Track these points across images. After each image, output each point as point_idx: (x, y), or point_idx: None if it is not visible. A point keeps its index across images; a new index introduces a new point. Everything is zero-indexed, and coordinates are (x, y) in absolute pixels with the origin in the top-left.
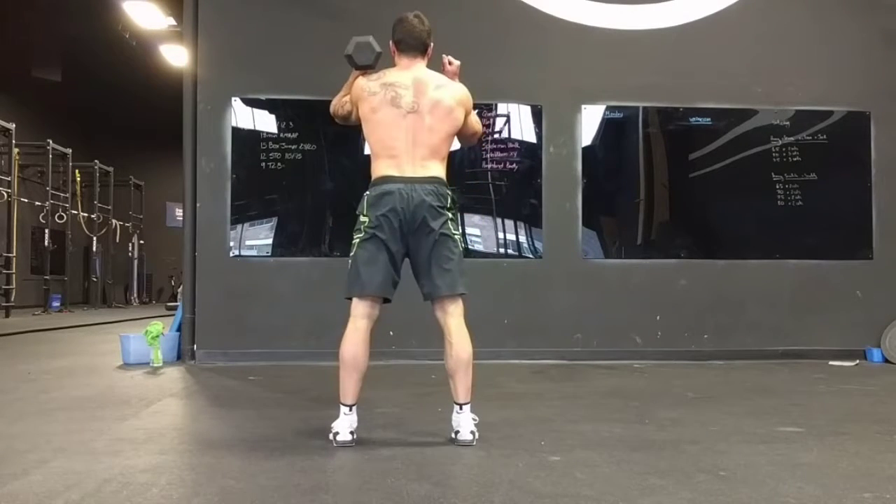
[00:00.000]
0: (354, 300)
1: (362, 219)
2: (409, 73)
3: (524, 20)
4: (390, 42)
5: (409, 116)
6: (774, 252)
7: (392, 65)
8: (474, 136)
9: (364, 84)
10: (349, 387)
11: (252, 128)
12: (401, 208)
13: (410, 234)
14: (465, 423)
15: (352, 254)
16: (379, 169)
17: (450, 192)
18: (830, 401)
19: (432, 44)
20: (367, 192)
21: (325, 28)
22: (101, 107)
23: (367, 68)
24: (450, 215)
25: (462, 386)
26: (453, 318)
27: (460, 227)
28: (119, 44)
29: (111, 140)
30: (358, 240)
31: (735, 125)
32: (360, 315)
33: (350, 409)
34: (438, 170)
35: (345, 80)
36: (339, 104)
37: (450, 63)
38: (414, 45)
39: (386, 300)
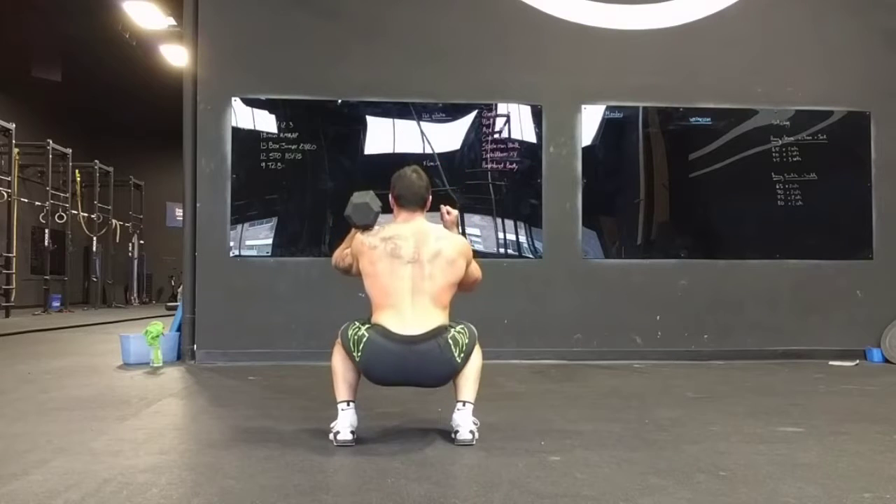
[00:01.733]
0: None
1: (359, 349)
2: (409, 226)
3: (524, 20)
4: (389, 196)
5: (410, 266)
6: (774, 252)
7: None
8: (475, 283)
9: (364, 239)
10: (342, 389)
11: (252, 128)
12: (401, 370)
13: (414, 382)
14: (464, 422)
15: (350, 331)
16: (380, 318)
17: (451, 331)
18: (830, 401)
19: (430, 197)
20: (367, 334)
21: (325, 28)
22: (101, 107)
23: (367, 227)
24: (453, 352)
25: (466, 385)
26: None
27: (458, 337)
28: (119, 44)
29: (111, 140)
30: (353, 348)
31: (735, 125)
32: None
33: (348, 405)
34: (440, 318)
35: (344, 80)
36: (339, 257)
37: (448, 213)
38: (413, 199)
39: None
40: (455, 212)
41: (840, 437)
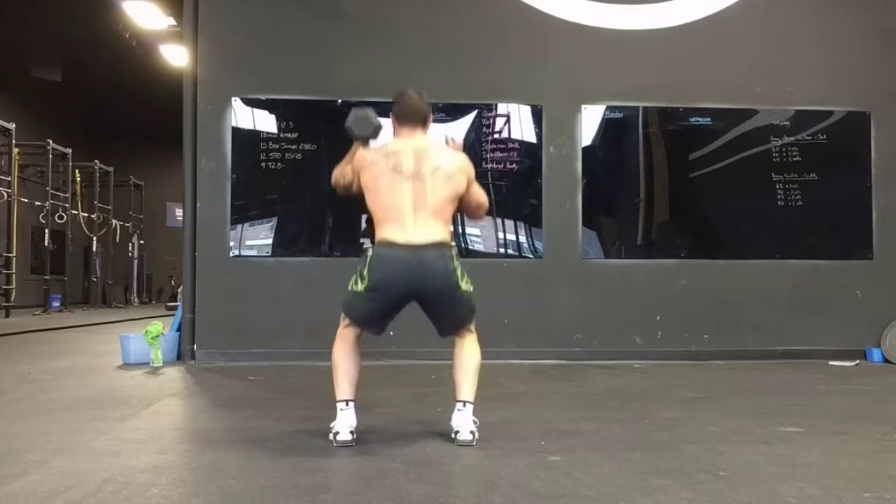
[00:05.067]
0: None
1: (363, 276)
2: (410, 142)
3: (524, 20)
4: (391, 115)
5: (411, 181)
6: (774, 252)
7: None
8: (479, 208)
9: (366, 154)
10: (343, 384)
11: (252, 128)
12: (406, 277)
13: (418, 294)
14: (465, 422)
15: (350, 287)
16: (383, 233)
17: (454, 250)
18: (830, 401)
19: (432, 117)
20: (370, 252)
21: (325, 28)
22: (101, 107)
23: (367, 140)
24: (458, 272)
25: (466, 385)
26: (465, 337)
27: (463, 271)
28: (119, 44)
29: (111, 140)
30: (357, 287)
31: (735, 125)
32: (349, 328)
33: (347, 405)
34: (442, 232)
35: (344, 80)
36: (340, 174)
37: (452, 141)
38: (414, 116)
39: None
40: (459, 141)
41: (840, 437)
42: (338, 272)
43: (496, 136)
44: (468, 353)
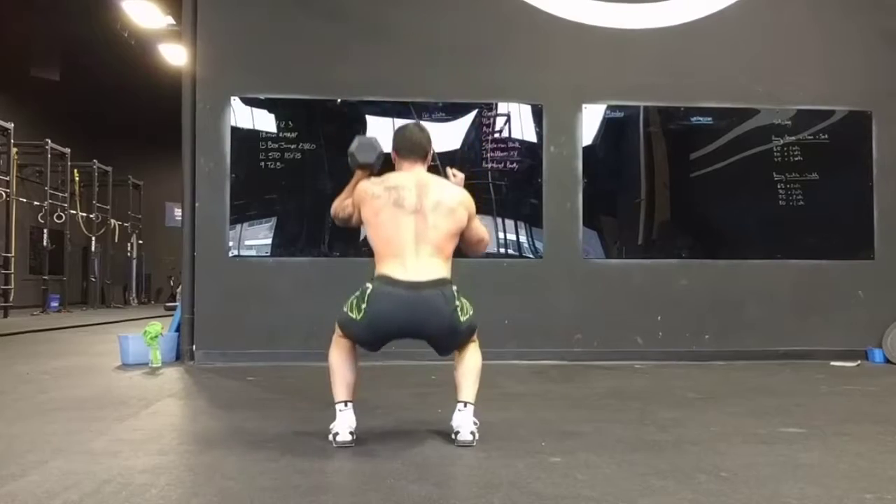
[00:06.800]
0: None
1: (360, 308)
2: (412, 175)
3: (525, 19)
4: (392, 149)
5: (413, 216)
6: (776, 252)
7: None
8: (480, 243)
9: (367, 187)
10: (341, 388)
11: (251, 127)
12: (404, 316)
13: (416, 332)
14: (465, 423)
15: (346, 309)
16: (383, 268)
17: (455, 287)
18: (832, 401)
19: (433, 151)
20: (369, 288)
21: (325, 28)
22: (99, 106)
23: (369, 167)
24: (458, 309)
25: (467, 386)
26: (466, 346)
27: (463, 304)
28: (118, 43)
29: (110, 139)
30: (352, 314)
31: (736, 125)
32: (343, 338)
33: (346, 405)
34: (443, 269)
35: (344, 79)
36: (340, 207)
37: (454, 175)
38: (415, 150)
39: None
40: (461, 174)
41: (841, 437)
42: (337, 272)
43: (496, 135)
44: (469, 355)
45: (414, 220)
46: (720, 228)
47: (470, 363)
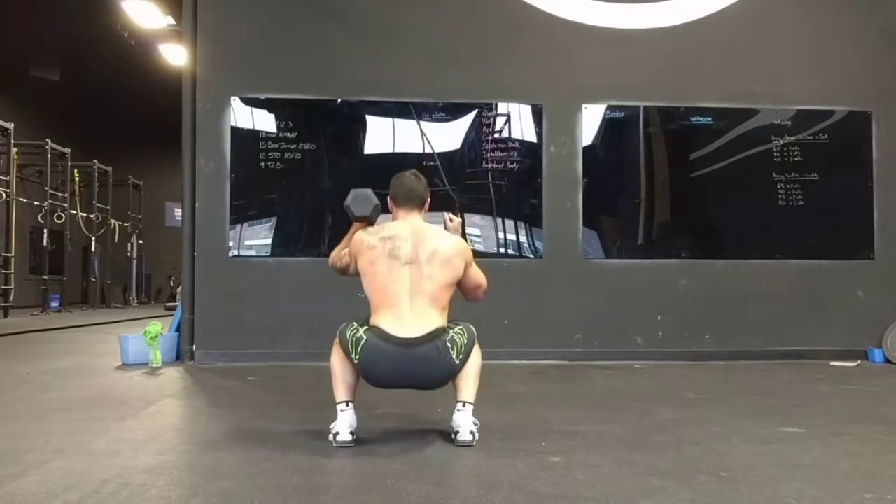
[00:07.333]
0: None
1: (357, 351)
2: (407, 225)
3: (525, 19)
4: (388, 198)
5: (408, 266)
6: (775, 252)
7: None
8: (478, 289)
9: (363, 238)
10: (341, 389)
11: (251, 127)
12: (397, 373)
13: (409, 384)
14: (465, 423)
15: (346, 331)
16: (378, 319)
17: (449, 333)
18: (832, 401)
19: (429, 198)
20: (364, 338)
21: (325, 28)
22: (99, 106)
23: (365, 220)
24: (452, 354)
25: (467, 386)
26: None
27: (454, 343)
28: (118, 43)
29: (110, 139)
30: (348, 345)
31: (736, 125)
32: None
33: (347, 406)
34: (438, 320)
35: (344, 80)
36: (337, 257)
37: (451, 220)
38: (411, 198)
39: None
40: (458, 219)
41: (841, 437)
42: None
43: (496, 135)
44: (470, 359)
45: (409, 271)
46: (720, 228)
47: (470, 362)
